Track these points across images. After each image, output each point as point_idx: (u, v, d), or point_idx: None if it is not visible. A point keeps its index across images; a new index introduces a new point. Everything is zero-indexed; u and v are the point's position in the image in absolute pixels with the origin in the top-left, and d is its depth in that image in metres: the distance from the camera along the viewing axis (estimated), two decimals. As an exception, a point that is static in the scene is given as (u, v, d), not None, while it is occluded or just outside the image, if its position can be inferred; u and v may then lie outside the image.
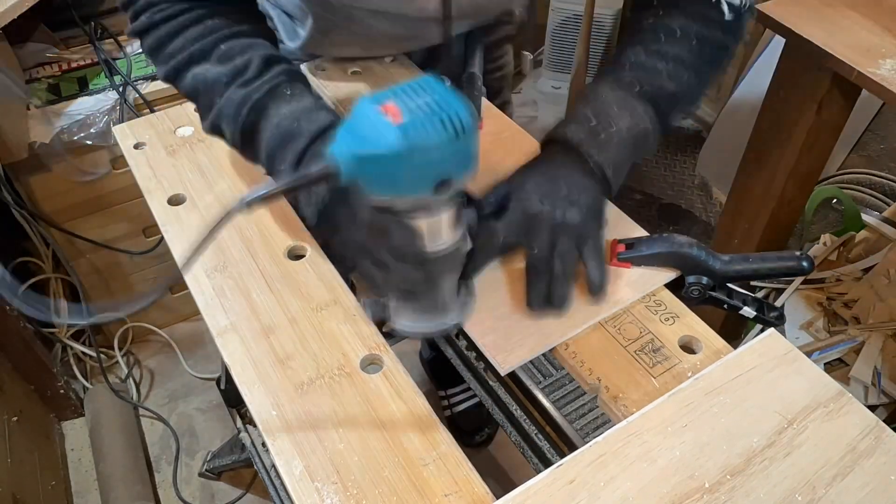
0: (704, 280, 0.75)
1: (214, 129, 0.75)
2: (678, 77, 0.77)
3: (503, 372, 0.70)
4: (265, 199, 0.55)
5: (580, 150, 0.72)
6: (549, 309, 0.71)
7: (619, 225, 0.83)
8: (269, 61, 0.73)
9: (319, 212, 0.69)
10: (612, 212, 0.85)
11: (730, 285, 0.77)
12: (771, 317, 0.76)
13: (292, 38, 0.96)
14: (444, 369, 1.68)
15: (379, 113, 0.52)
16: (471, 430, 1.73)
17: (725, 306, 0.77)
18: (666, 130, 0.79)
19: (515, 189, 0.72)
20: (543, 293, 0.70)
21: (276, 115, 0.71)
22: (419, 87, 0.55)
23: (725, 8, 0.77)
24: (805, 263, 0.73)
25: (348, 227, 0.65)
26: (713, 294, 0.76)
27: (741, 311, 0.76)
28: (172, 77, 0.76)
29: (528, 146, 0.93)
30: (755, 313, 0.76)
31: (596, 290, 0.71)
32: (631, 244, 0.78)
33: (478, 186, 0.71)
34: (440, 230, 0.61)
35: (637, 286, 0.76)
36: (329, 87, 1.03)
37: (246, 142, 0.73)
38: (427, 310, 0.69)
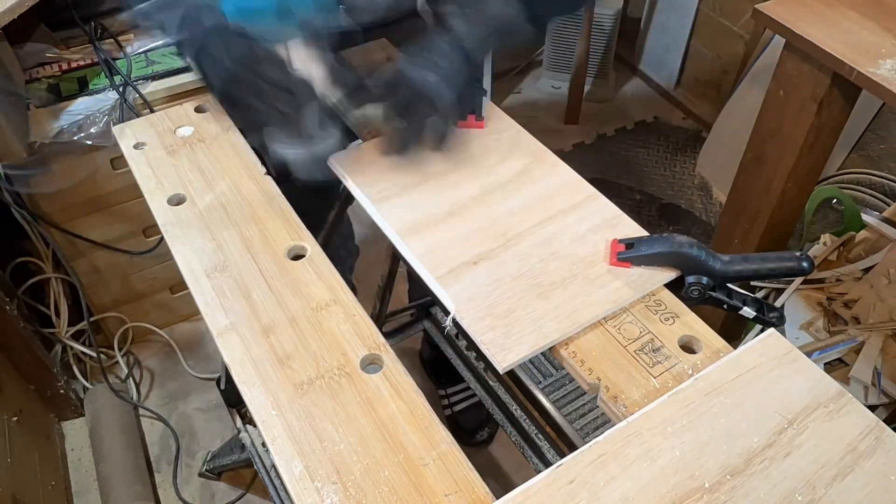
0: (704, 280, 0.75)
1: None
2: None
3: (502, 370, 0.70)
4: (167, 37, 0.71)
5: (446, 23, 0.81)
6: (397, 155, 0.84)
7: (619, 224, 0.83)
8: None
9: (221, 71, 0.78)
10: (611, 211, 0.85)
11: (730, 285, 0.77)
12: (771, 317, 0.76)
13: None
14: (444, 369, 1.68)
15: None
16: (471, 430, 1.73)
17: (725, 306, 0.77)
18: (538, 25, 0.86)
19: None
20: (398, 139, 0.82)
21: None
22: None
23: None
24: (805, 264, 0.73)
25: (225, 61, 0.75)
26: (713, 294, 0.76)
27: (741, 312, 0.76)
28: None
29: (529, 146, 0.93)
30: (755, 313, 0.76)
31: (438, 144, 0.82)
32: (631, 244, 0.78)
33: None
34: (298, 60, 0.75)
35: (637, 286, 0.76)
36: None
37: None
38: (297, 135, 0.80)
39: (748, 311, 0.76)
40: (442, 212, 0.84)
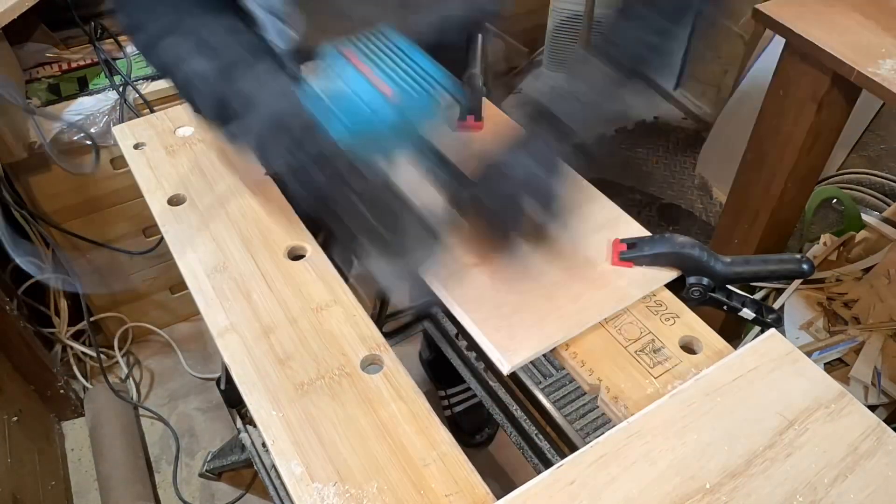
0: (705, 281, 0.75)
1: (188, 98, 0.77)
2: (663, 50, 0.79)
3: (506, 371, 0.70)
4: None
5: (556, 117, 0.74)
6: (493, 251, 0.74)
7: (620, 224, 0.83)
8: (230, 30, 0.75)
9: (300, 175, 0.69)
10: (612, 211, 0.85)
11: (729, 287, 0.77)
12: (769, 318, 0.76)
13: (282, 38, 0.95)
14: (444, 369, 1.68)
15: (368, 86, 0.56)
16: (471, 431, 1.73)
17: (725, 308, 0.77)
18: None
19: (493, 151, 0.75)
20: (496, 237, 0.73)
21: (245, 86, 0.71)
22: (387, 46, 0.59)
23: None
24: (805, 266, 0.73)
25: (330, 187, 0.67)
26: (714, 295, 0.76)
27: (741, 313, 0.76)
28: (146, 53, 0.78)
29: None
30: (754, 315, 0.76)
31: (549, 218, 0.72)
32: (633, 244, 0.78)
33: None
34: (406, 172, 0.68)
35: (638, 285, 0.76)
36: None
37: (220, 113, 0.73)
38: (393, 252, 0.71)
39: (747, 313, 0.76)
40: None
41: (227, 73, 0.72)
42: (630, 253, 0.78)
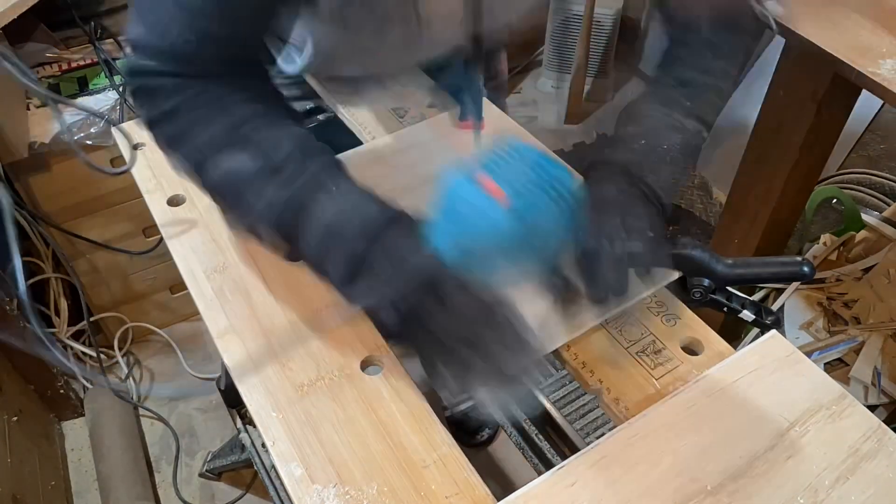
0: (706, 282, 0.75)
1: (251, 231, 0.67)
2: (722, 91, 0.76)
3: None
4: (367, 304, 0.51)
5: (631, 172, 0.68)
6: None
7: None
8: (306, 150, 0.65)
9: (400, 311, 0.59)
10: None
11: (729, 288, 0.77)
12: (768, 320, 0.76)
13: (289, 62, 0.93)
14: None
15: (479, 191, 0.46)
16: (472, 430, 1.73)
17: (725, 309, 0.76)
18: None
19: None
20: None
21: (321, 215, 0.62)
22: (509, 154, 0.49)
23: (772, 22, 0.76)
24: (806, 269, 0.72)
25: (443, 320, 0.57)
26: (714, 297, 0.76)
27: (741, 315, 0.76)
28: (193, 170, 0.67)
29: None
30: (753, 317, 0.76)
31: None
32: None
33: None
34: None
35: (640, 286, 0.76)
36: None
37: (290, 242, 0.65)
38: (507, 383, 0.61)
39: (747, 315, 0.76)
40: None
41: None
42: None
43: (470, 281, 0.53)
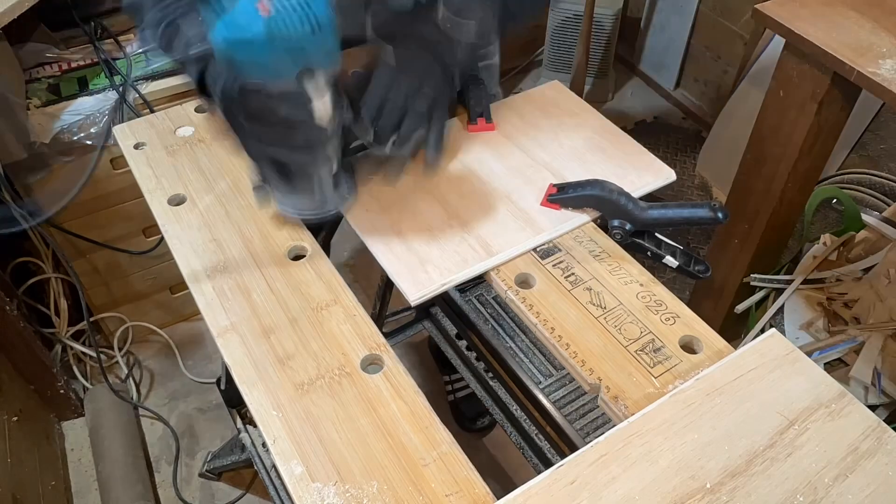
0: (628, 226, 0.80)
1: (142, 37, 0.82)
2: None
3: (413, 302, 0.75)
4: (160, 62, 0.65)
5: (431, 46, 0.78)
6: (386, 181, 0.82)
7: (642, 161, 0.90)
8: None
9: (221, 91, 0.71)
10: (636, 149, 0.93)
11: (660, 237, 0.81)
12: (696, 270, 0.80)
13: None
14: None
15: (252, 7, 0.61)
16: (473, 416, 1.75)
17: (649, 253, 0.81)
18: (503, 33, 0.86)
19: (375, 70, 0.78)
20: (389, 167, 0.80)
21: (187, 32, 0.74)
22: None
23: None
24: (720, 214, 0.76)
25: (236, 104, 0.69)
26: (636, 240, 0.81)
27: (664, 261, 0.80)
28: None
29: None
30: (678, 263, 0.79)
31: (431, 159, 0.79)
32: (562, 187, 0.84)
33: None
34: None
35: (557, 223, 0.82)
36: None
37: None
38: (305, 193, 0.77)
39: (671, 261, 0.80)
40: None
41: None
42: (557, 196, 0.83)
43: (239, 75, 0.66)
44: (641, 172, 0.90)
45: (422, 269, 0.78)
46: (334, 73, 0.68)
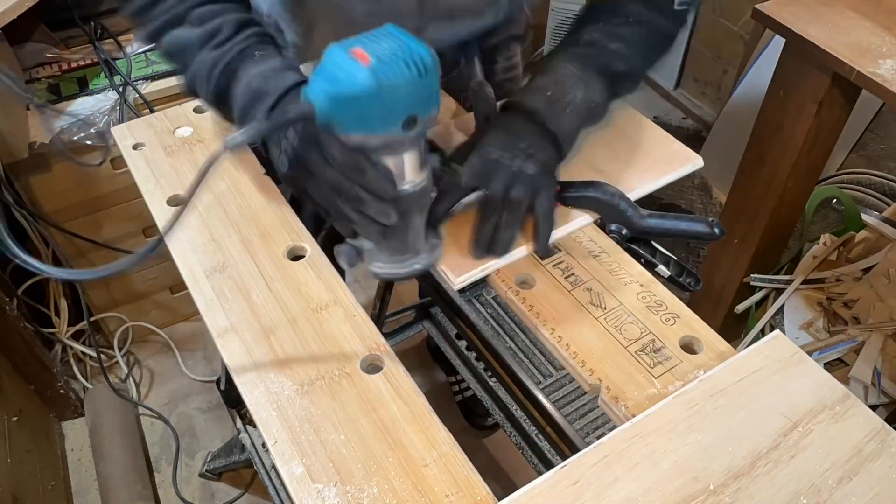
0: (624, 231, 0.80)
1: (190, 90, 0.79)
2: (628, 58, 0.82)
3: (456, 286, 0.75)
4: (246, 139, 0.59)
5: (537, 116, 0.77)
6: (490, 254, 0.76)
7: (670, 149, 0.90)
8: (240, 24, 0.76)
9: (290, 159, 0.70)
10: (662, 136, 0.92)
11: (656, 245, 0.81)
12: (687, 282, 0.80)
13: (284, 44, 0.95)
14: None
15: (349, 57, 0.57)
16: (482, 413, 1.75)
17: (642, 261, 0.80)
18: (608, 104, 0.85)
19: (478, 142, 0.77)
20: (489, 236, 0.75)
21: (245, 76, 0.74)
22: (382, 34, 0.59)
23: (689, 16, 0.84)
24: (717, 230, 0.77)
25: (322, 169, 0.66)
26: (630, 245, 0.80)
27: (656, 269, 0.80)
28: (151, 39, 0.80)
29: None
30: (670, 274, 0.79)
31: (542, 246, 0.76)
32: (564, 186, 0.82)
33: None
34: (409, 169, 0.66)
35: (558, 223, 0.80)
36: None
37: (219, 102, 0.77)
38: (398, 251, 0.73)
39: (663, 270, 0.80)
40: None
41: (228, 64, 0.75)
42: (557, 195, 0.81)
43: (338, 132, 0.62)
44: (671, 159, 0.89)
45: (461, 254, 0.77)
46: (435, 119, 0.63)
